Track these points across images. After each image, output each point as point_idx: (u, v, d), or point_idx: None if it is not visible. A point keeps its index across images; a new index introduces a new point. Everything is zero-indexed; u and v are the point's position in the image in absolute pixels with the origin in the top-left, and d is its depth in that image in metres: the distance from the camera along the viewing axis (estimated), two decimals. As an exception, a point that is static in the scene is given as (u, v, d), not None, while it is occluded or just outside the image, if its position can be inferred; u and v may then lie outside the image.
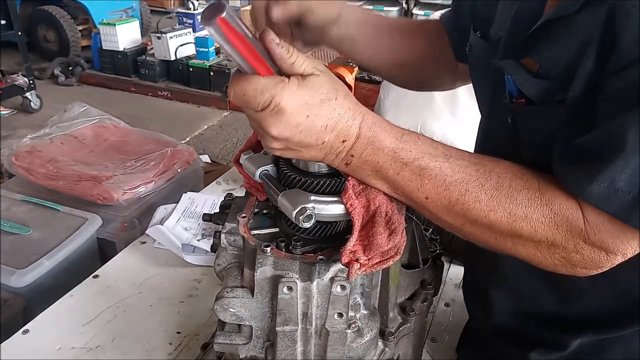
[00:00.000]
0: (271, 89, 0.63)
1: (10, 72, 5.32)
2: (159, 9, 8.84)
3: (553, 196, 0.66)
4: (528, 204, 0.67)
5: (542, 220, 0.66)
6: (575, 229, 0.65)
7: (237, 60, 0.63)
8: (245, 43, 0.61)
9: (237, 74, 0.66)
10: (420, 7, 8.15)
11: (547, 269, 0.71)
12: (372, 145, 0.68)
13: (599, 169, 0.61)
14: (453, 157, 0.70)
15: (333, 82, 0.67)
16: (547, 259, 0.69)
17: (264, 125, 0.65)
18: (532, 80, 0.73)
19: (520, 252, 0.70)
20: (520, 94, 0.75)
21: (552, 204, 0.66)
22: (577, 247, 0.66)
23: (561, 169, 0.67)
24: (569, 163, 0.66)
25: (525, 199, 0.67)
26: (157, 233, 1.60)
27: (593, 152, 0.63)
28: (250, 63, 0.63)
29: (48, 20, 6.65)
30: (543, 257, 0.69)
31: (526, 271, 0.86)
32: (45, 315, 1.29)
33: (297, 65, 0.65)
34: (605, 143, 0.62)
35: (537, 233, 0.66)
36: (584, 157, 0.64)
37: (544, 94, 0.72)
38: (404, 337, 0.90)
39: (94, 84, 6.21)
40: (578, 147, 0.65)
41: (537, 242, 0.67)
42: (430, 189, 0.69)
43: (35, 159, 2.02)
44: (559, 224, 0.66)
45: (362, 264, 0.69)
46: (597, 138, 0.64)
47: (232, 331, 0.81)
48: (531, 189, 0.67)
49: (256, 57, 0.63)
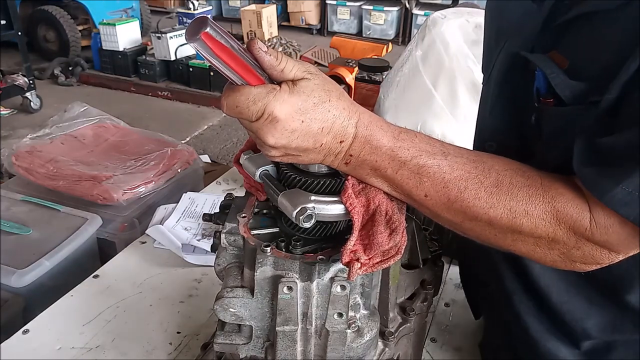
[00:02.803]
0: (263, 99, 0.63)
1: (10, 72, 5.33)
2: (159, 9, 8.84)
3: (557, 194, 0.66)
4: (529, 201, 0.66)
5: (543, 216, 0.65)
6: (579, 228, 0.64)
7: (226, 73, 0.63)
8: (232, 55, 0.61)
9: (229, 86, 0.65)
10: (420, 7, 8.15)
11: (545, 264, 0.71)
12: (370, 144, 0.68)
13: (627, 173, 0.60)
14: (451, 155, 0.69)
15: (325, 84, 0.67)
16: (546, 255, 0.69)
17: (260, 134, 0.66)
18: (568, 82, 0.69)
19: (519, 248, 0.70)
20: (549, 92, 0.72)
21: (555, 202, 0.65)
22: (579, 243, 0.66)
23: (584, 169, 0.65)
24: (592, 163, 0.64)
25: (526, 195, 0.66)
26: (157, 233, 1.60)
27: (620, 154, 0.61)
28: (240, 74, 0.63)
29: (48, 20, 6.66)
30: (542, 252, 0.69)
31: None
32: (45, 315, 1.29)
33: (287, 71, 0.65)
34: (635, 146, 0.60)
35: (538, 229, 0.66)
36: (610, 158, 0.62)
37: (580, 96, 0.68)
38: (404, 337, 0.90)
39: (94, 84, 6.21)
40: (604, 148, 0.63)
41: (538, 238, 0.67)
42: (429, 186, 0.69)
43: (35, 159, 2.02)
44: (561, 221, 0.65)
45: (363, 263, 0.69)
46: (627, 140, 0.61)
47: (232, 331, 0.81)
48: (532, 185, 0.67)
49: (245, 68, 0.63)
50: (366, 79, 2.51)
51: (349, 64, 3.77)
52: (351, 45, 4.17)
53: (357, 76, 2.57)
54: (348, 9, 8.57)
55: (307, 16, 8.78)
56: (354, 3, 8.52)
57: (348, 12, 8.60)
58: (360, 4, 8.52)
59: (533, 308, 0.88)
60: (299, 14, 8.78)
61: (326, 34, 8.71)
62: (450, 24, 1.91)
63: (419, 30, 2.03)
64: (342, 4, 8.58)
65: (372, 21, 8.41)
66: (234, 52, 0.61)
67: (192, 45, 0.58)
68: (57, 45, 6.74)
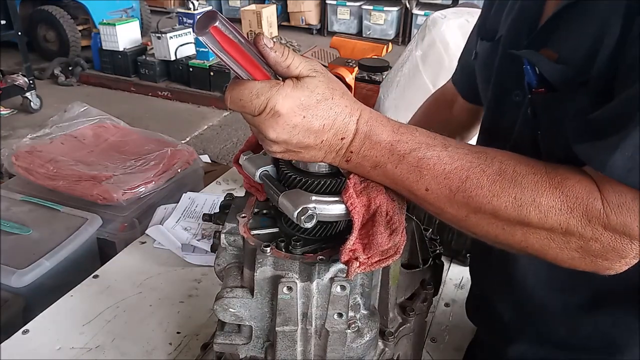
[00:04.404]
0: (266, 93, 0.63)
1: (10, 72, 5.33)
2: (159, 9, 8.85)
3: (564, 178, 0.63)
4: (534, 188, 0.63)
5: (552, 204, 0.62)
6: (592, 212, 0.61)
7: (233, 67, 0.63)
8: (239, 50, 0.61)
9: (234, 80, 0.66)
10: (420, 7, 8.15)
11: (564, 264, 0.66)
12: (370, 140, 0.68)
13: (621, 136, 0.57)
14: (452, 146, 0.68)
15: (330, 82, 0.67)
16: (562, 251, 0.64)
17: (262, 129, 0.66)
18: (556, 67, 0.71)
19: (532, 243, 0.66)
20: (540, 83, 0.73)
21: (562, 186, 0.62)
22: (596, 233, 0.61)
23: (579, 146, 0.63)
24: (587, 138, 0.62)
25: (531, 182, 0.64)
26: (157, 233, 1.60)
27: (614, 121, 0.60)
28: (246, 69, 0.63)
29: (48, 20, 6.66)
30: (558, 247, 0.64)
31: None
32: (45, 315, 1.29)
33: (293, 67, 0.65)
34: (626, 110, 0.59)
35: (548, 219, 0.62)
36: (605, 128, 0.61)
37: (568, 79, 0.70)
38: (404, 337, 0.90)
39: (94, 84, 6.22)
40: (598, 120, 0.62)
41: (550, 229, 0.63)
42: (429, 179, 0.67)
43: (35, 159, 2.02)
44: (572, 208, 0.61)
45: (362, 262, 0.69)
46: (616, 107, 0.61)
47: (232, 331, 0.81)
48: (537, 173, 0.64)
49: (251, 63, 0.63)
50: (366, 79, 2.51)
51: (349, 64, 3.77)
52: (351, 45, 4.16)
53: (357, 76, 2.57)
54: (348, 9, 8.58)
55: (307, 16, 8.78)
56: (354, 3, 8.53)
57: (348, 12, 8.60)
58: (360, 4, 8.52)
59: None
60: (299, 14, 8.78)
61: (326, 34, 8.71)
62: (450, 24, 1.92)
63: (419, 30, 2.03)
64: (342, 4, 8.59)
65: (372, 21, 8.41)
66: (242, 47, 0.61)
67: (201, 39, 0.59)
68: (57, 45, 6.74)
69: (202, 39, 0.59)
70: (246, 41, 0.62)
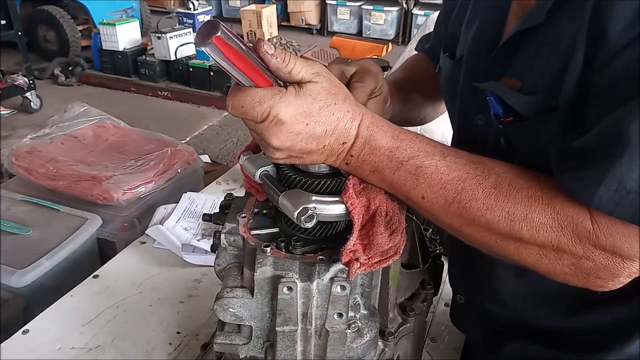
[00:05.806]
0: (268, 100, 0.63)
1: (10, 72, 5.33)
2: (159, 9, 8.84)
3: (556, 196, 0.62)
4: (528, 203, 0.63)
5: (543, 221, 0.62)
6: (582, 232, 0.60)
7: (235, 75, 0.63)
8: (242, 58, 0.61)
9: (236, 86, 0.65)
10: (420, 7, 8.15)
11: (557, 279, 0.66)
12: (369, 145, 0.68)
13: (605, 170, 0.57)
14: (451, 156, 0.68)
15: (332, 87, 0.67)
16: (555, 267, 0.64)
17: (264, 136, 0.66)
18: (524, 98, 0.71)
19: (525, 258, 0.66)
20: (507, 112, 0.73)
21: (554, 204, 0.62)
22: (587, 252, 0.61)
23: (563, 178, 0.63)
24: (570, 169, 0.62)
25: (525, 197, 0.63)
26: (157, 233, 1.60)
27: (595, 152, 0.59)
28: (248, 76, 0.63)
29: (48, 20, 6.66)
30: (551, 264, 0.64)
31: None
32: (45, 315, 1.29)
33: (295, 73, 0.65)
34: (607, 141, 0.58)
35: (539, 235, 0.62)
36: (586, 159, 0.60)
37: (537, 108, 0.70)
38: (404, 337, 0.90)
39: (94, 84, 6.22)
40: (578, 150, 0.62)
41: (541, 245, 0.63)
42: (425, 187, 0.68)
43: (35, 159, 2.02)
44: (563, 226, 0.61)
45: (362, 263, 0.69)
46: (596, 137, 0.60)
47: (232, 331, 0.81)
48: (532, 188, 0.64)
49: (254, 70, 0.63)
50: (366, 79, 2.50)
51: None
52: (351, 45, 4.17)
53: (357, 76, 2.56)
54: (348, 9, 8.57)
55: (307, 16, 8.78)
56: (354, 3, 8.53)
57: (348, 12, 8.60)
58: (360, 4, 8.52)
59: None
60: (299, 14, 8.78)
61: (326, 34, 8.71)
62: (450, 24, 1.91)
63: (418, 30, 2.03)
64: (342, 4, 8.58)
65: (372, 21, 8.41)
66: (244, 54, 0.61)
67: (203, 50, 0.58)
68: (57, 45, 6.74)
69: (204, 49, 0.58)
70: (247, 47, 0.62)
